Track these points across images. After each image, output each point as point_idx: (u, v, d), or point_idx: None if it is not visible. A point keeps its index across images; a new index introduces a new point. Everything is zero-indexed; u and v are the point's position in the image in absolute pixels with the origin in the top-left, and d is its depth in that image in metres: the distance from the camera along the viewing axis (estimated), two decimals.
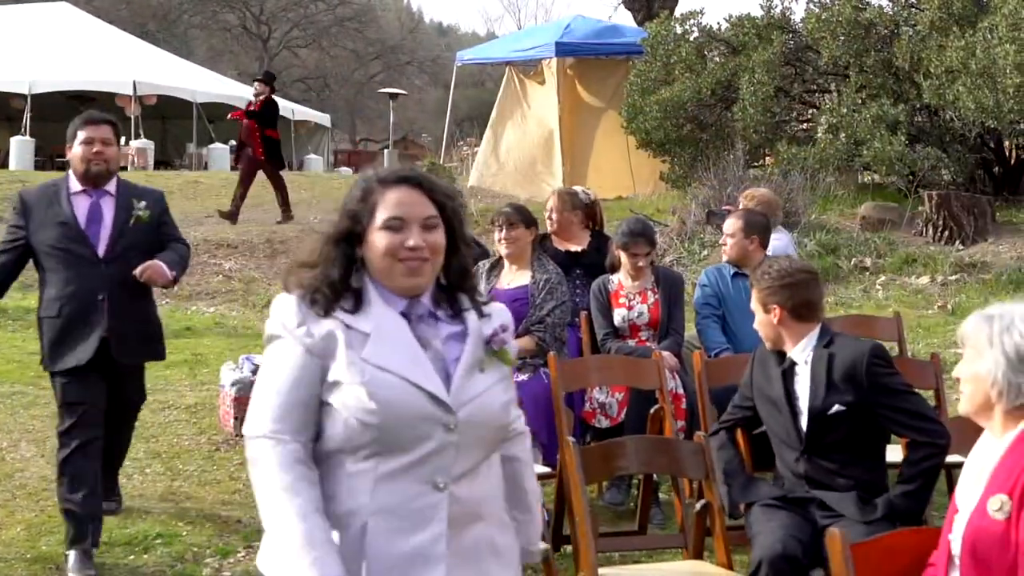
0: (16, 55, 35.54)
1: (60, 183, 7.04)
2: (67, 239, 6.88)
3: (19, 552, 7.07)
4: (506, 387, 3.47)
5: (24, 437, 9.38)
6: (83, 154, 6.91)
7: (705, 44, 20.73)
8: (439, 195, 3.44)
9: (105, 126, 7.06)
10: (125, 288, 6.95)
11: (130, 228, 7.01)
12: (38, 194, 7.06)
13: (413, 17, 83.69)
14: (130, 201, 7.08)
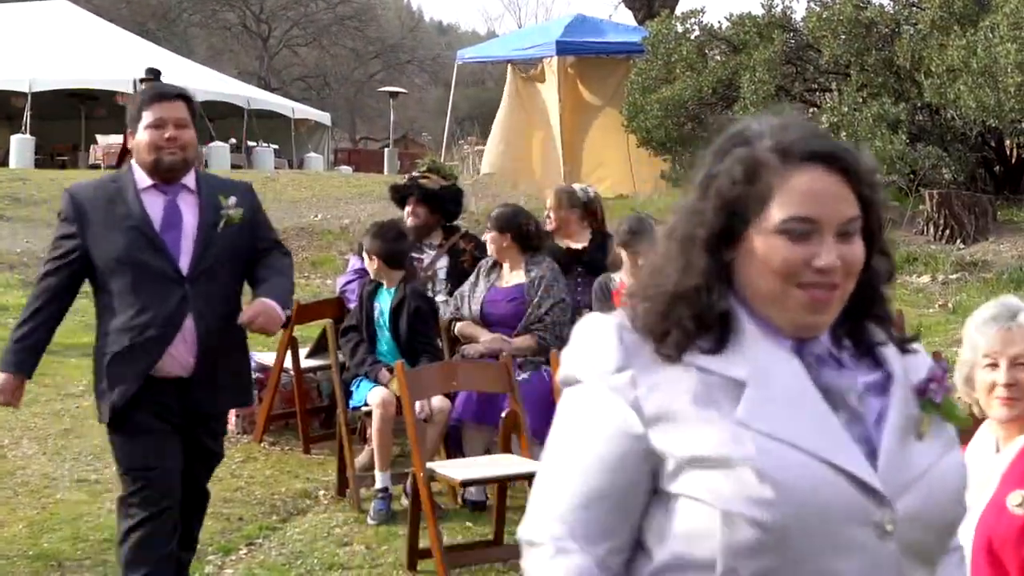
0: (16, 53, 35.53)
1: (123, 178, 5.56)
2: (138, 249, 5.36)
3: (21, 549, 7.08)
4: (957, 460, 2.27)
5: (26, 435, 9.38)
6: (152, 140, 5.41)
7: (706, 43, 20.72)
8: (865, 185, 2.23)
9: (179, 102, 5.54)
10: (213, 314, 5.51)
11: (218, 234, 5.51)
12: (94, 192, 5.53)
13: (413, 16, 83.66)
14: (215, 198, 5.58)
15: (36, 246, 17.47)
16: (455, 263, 9.07)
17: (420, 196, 9.13)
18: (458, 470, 7.08)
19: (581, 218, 9.17)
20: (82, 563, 6.93)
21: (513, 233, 8.21)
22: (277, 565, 7.06)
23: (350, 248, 15.59)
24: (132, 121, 5.54)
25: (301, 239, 17.88)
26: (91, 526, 7.46)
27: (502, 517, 7.14)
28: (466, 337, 8.30)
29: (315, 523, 7.77)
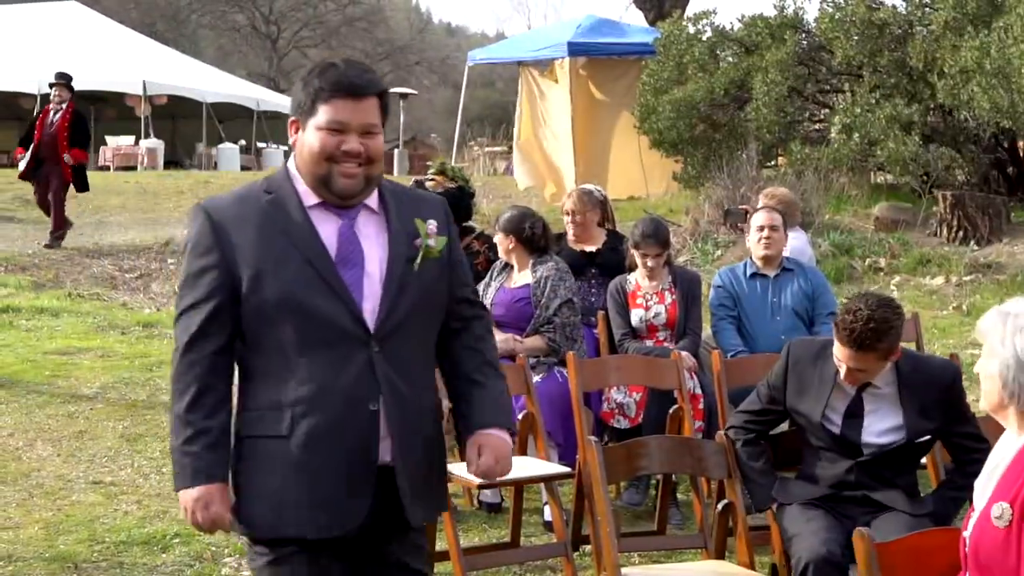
0: (25, 55, 35.58)
1: (278, 187, 3.92)
2: (308, 291, 3.82)
3: (37, 551, 7.06)
4: None
5: (40, 436, 9.37)
6: (324, 148, 3.80)
7: (718, 44, 20.69)
8: None
9: (371, 101, 3.88)
10: (410, 389, 3.94)
11: (415, 273, 3.93)
12: (240, 208, 3.90)
13: (422, 17, 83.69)
14: (410, 221, 4.01)
15: (47, 248, 17.49)
16: (469, 264, 9.04)
17: None
18: None
19: (599, 220, 9.15)
20: (98, 564, 6.91)
21: (518, 235, 8.20)
22: None
23: None
24: (297, 109, 3.91)
25: None
26: (107, 528, 7.45)
27: (518, 519, 7.11)
28: None
29: None
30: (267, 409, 3.85)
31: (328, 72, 3.85)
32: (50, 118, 17.88)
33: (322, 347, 3.80)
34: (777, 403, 5.70)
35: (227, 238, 3.82)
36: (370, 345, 3.83)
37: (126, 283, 15.93)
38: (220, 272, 3.82)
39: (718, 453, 5.69)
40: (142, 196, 24.73)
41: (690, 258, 16.48)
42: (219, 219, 3.86)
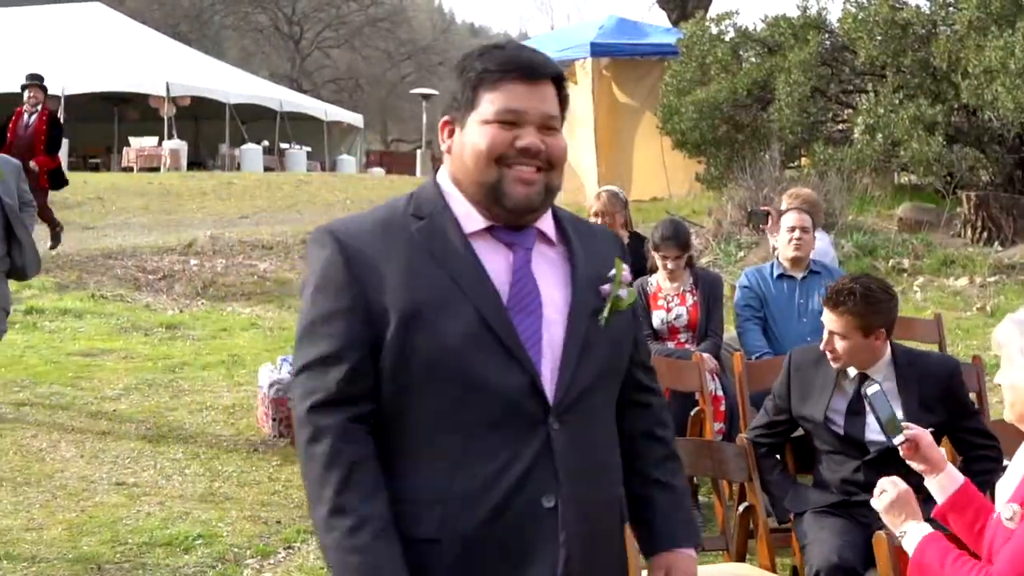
0: (49, 56, 35.66)
1: (432, 209, 3.02)
2: (473, 347, 2.90)
3: (60, 552, 7.08)
4: None
5: (63, 438, 9.39)
6: (495, 145, 2.95)
7: (741, 44, 20.67)
8: None
9: (548, 86, 3.03)
10: (594, 477, 3.05)
11: (601, 330, 3.02)
12: (382, 234, 2.99)
13: (445, 17, 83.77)
14: (595, 261, 3.10)
15: (70, 249, 17.52)
16: None
17: None
18: None
19: (624, 221, 9.16)
20: (121, 566, 6.93)
21: None
22: (315, 569, 7.04)
23: None
24: (454, 104, 3.06)
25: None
26: (129, 529, 7.46)
27: None
28: None
29: None
30: (408, 503, 2.93)
31: (492, 52, 3.02)
32: (24, 120, 17.03)
33: (485, 424, 2.89)
34: (784, 412, 5.70)
35: (366, 275, 2.90)
36: (547, 423, 2.90)
37: (149, 284, 15.95)
38: (357, 319, 2.89)
39: (739, 456, 5.68)
40: (165, 197, 24.79)
41: (713, 259, 16.44)
42: (356, 250, 2.93)
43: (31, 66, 34.38)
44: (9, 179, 9.20)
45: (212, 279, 16.21)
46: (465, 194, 3.00)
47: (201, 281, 16.07)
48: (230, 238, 18.03)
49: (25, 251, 9.11)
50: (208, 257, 17.29)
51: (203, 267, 16.76)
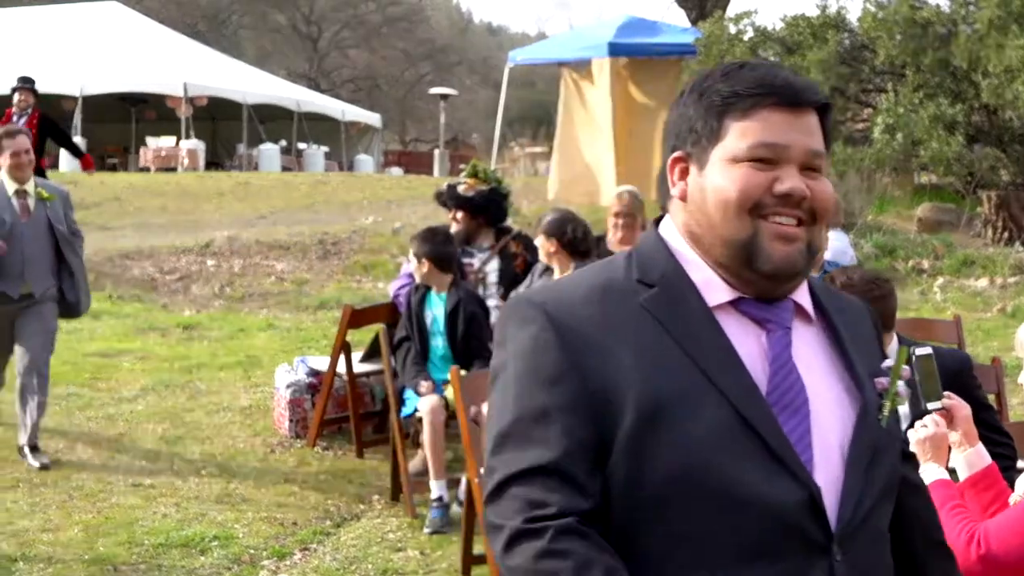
0: (67, 56, 35.76)
1: (662, 274, 2.34)
2: (733, 454, 2.22)
3: (77, 553, 7.08)
4: None
5: (80, 439, 9.40)
6: (750, 190, 2.30)
7: (759, 44, 20.60)
8: None
9: (811, 116, 2.41)
10: None
11: (883, 435, 2.41)
12: (602, 309, 2.29)
13: (463, 17, 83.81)
14: (860, 341, 2.51)
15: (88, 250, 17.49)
16: (507, 266, 9.05)
17: (456, 203, 9.16)
18: None
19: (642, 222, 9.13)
20: (137, 567, 6.93)
21: (560, 239, 8.16)
22: (331, 570, 7.03)
23: (401, 252, 15.59)
24: (691, 136, 2.41)
25: (353, 242, 17.86)
26: (145, 530, 7.46)
27: None
28: None
29: (369, 528, 7.75)
30: None
31: (741, 73, 2.37)
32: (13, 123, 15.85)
33: (748, 553, 2.21)
34: None
35: (587, 360, 2.23)
36: (831, 552, 2.24)
37: (166, 285, 15.96)
38: (579, 418, 2.21)
39: None
40: (183, 198, 24.80)
41: None
42: (571, 328, 2.25)
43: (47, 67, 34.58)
44: (58, 205, 8.93)
45: (229, 280, 16.20)
46: (706, 255, 2.31)
47: (218, 282, 16.07)
48: (247, 238, 18.02)
49: (77, 284, 8.87)
50: (225, 258, 17.29)
51: (220, 268, 16.75)
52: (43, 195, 8.80)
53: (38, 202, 8.79)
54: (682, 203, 2.36)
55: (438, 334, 8.17)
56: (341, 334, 8.99)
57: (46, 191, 8.89)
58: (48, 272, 8.75)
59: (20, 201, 8.72)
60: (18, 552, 7.08)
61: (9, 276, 8.62)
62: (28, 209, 8.73)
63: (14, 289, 8.64)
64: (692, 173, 2.35)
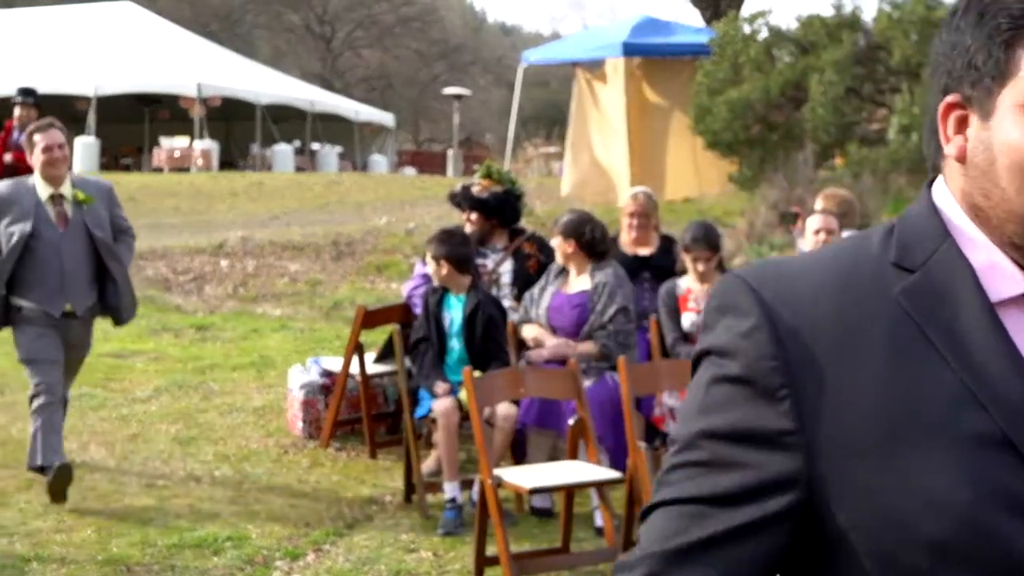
0: (81, 56, 35.86)
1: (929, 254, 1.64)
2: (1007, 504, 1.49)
3: (90, 554, 7.10)
4: None
5: (93, 440, 9.42)
6: None
7: (774, 44, 20.56)
8: None
9: None
10: None
11: None
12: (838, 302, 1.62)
13: (477, 17, 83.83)
14: None
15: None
16: (520, 266, 9.04)
17: (470, 204, 9.16)
18: (526, 477, 7.02)
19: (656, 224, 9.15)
20: (150, 568, 6.94)
21: (578, 240, 8.15)
22: (344, 571, 7.04)
23: (415, 252, 15.59)
24: (968, 72, 1.68)
25: (366, 243, 17.86)
26: (159, 531, 7.48)
27: (569, 524, 7.09)
28: (534, 341, 8.25)
29: (382, 529, 7.76)
30: None
31: None
32: (14, 138, 15.26)
33: None
34: None
35: (808, 380, 1.60)
36: None
37: (180, 286, 15.97)
38: (785, 450, 1.59)
39: None
40: (196, 198, 24.85)
41: (745, 260, 16.37)
42: (797, 331, 1.62)
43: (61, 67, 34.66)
44: (99, 205, 8.08)
45: (243, 280, 16.21)
46: (993, 233, 1.64)
47: (232, 282, 16.08)
48: (261, 239, 18.03)
49: (120, 289, 8.04)
50: (239, 258, 17.30)
51: (234, 268, 16.77)
52: (80, 197, 7.90)
53: (76, 207, 7.93)
54: (960, 165, 1.69)
55: (455, 336, 8.15)
56: (354, 335, 8.99)
57: (84, 192, 8.01)
58: (89, 286, 7.97)
59: (56, 208, 7.89)
60: (32, 552, 7.10)
61: (48, 293, 7.83)
62: (65, 217, 7.90)
63: (55, 307, 7.83)
64: (973, 124, 1.67)
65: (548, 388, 7.48)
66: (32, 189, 7.89)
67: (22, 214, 7.79)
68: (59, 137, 7.95)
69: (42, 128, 7.97)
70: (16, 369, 11.14)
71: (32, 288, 7.79)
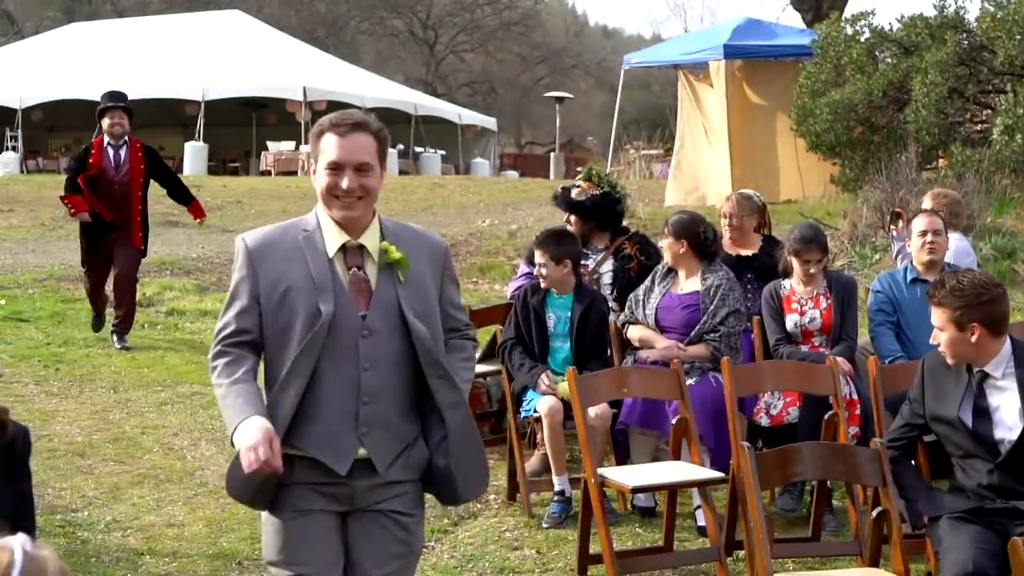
0: (190, 63, 36.38)
1: None
2: None
3: (201, 548, 7.24)
4: None
5: (204, 436, 9.59)
6: None
7: (876, 45, 20.40)
8: None
9: None
10: None
11: None
12: None
13: (578, 20, 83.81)
14: None
15: (210, 252, 17.85)
16: (621, 267, 9.04)
17: (567, 207, 9.19)
18: (629, 476, 7.06)
19: (756, 225, 9.12)
20: (259, 562, 7.03)
21: (690, 240, 8.14)
22: (449, 568, 7.12)
23: (518, 253, 15.69)
24: None
25: (470, 244, 18.00)
26: None
27: (672, 523, 7.12)
28: (642, 342, 8.25)
29: (486, 527, 7.81)
30: None
31: None
32: (108, 157, 12.51)
33: None
34: (919, 417, 5.71)
35: None
36: None
37: None
38: None
39: (873, 460, 5.65)
40: (303, 201, 25.11)
41: (848, 262, 16.29)
42: None
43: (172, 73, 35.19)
44: (424, 268, 4.44)
45: None
46: None
47: None
48: None
49: (452, 442, 4.33)
50: None
51: None
52: (393, 255, 4.33)
53: (384, 271, 4.33)
54: None
55: (560, 336, 8.15)
56: None
57: (397, 247, 4.37)
58: (406, 417, 4.37)
59: (352, 270, 4.33)
60: (145, 546, 7.25)
61: (329, 431, 4.27)
62: (366, 286, 4.31)
63: (340, 459, 4.26)
64: None
65: (651, 388, 7.50)
66: (314, 235, 4.37)
67: (303, 280, 4.26)
68: (370, 147, 4.45)
69: (340, 126, 4.39)
70: (131, 366, 11.44)
71: (308, 422, 4.26)
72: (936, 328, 5.53)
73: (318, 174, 4.39)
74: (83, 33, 43.02)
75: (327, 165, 4.34)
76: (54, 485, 8.31)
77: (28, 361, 11.84)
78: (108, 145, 12.47)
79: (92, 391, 10.88)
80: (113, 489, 8.29)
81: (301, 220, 4.48)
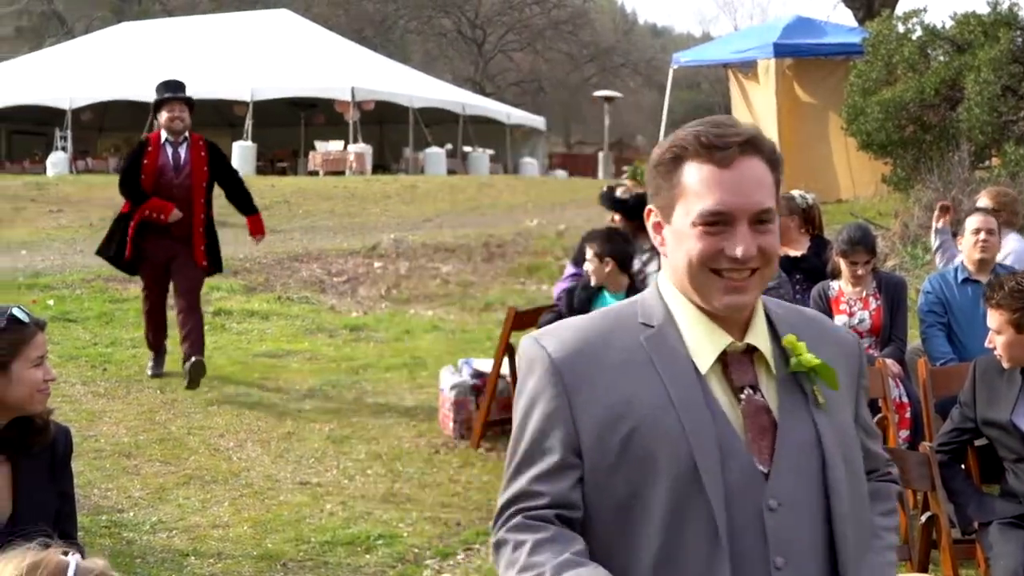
0: (238, 63, 36.51)
1: None
2: None
3: (245, 549, 7.23)
4: None
5: (250, 437, 9.59)
6: None
7: (928, 43, 20.22)
8: None
9: None
10: None
11: None
12: None
13: (627, 19, 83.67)
14: None
15: (258, 252, 17.88)
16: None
17: (611, 206, 9.17)
18: None
19: (800, 225, 9.02)
20: (303, 564, 7.05)
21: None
22: (494, 571, 7.06)
23: (565, 253, 15.63)
24: None
25: (518, 244, 17.97)
26: (312, 528, 7.59)
27: None
28: None
29: None
30: None
31: None
32: (167, 155, 11.00)
33: None
34: (970, 420, 5.64)
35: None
36: None
37: (334, 287, 16.21)
38: None
39: (922, 464, 5.57)
40: (350, 200, 25.16)
41: (899, 262, 16.15)
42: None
43: (220, 73, 35.33)
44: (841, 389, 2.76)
45: (396, 282, 16.41)
46: None
47: (385, 284, 16.28)
48: (413, 241, 18.22)
49: None
50: (392, 260, 17.51)
51: (387, 270, 16.97)
52: (807, 360, 2.66)
53: (789, 390, 2.68)
54: None
55: None
56: (505, 336, 9.06)
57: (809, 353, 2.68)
58: None
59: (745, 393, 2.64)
60: (190, 547, 7.26)
61: None
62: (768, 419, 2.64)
63: None
64: None
65: None
66: (666, 334, 2.69)
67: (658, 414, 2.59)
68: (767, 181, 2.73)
69: (718, 148, 2.63)
70: (177, 367, 11.45)
71: None
72: (992, 331, 5.45)
73: (675, 231, 2.68)
74: (132, 33, 43.29)
75: (702, 218, 2.62)
76: (100, 486, 8.32)
77: (75, 361, 11.88)
78: (167, 142, 10.94)
79: (139, 391, 10.90)
80: (159, 490, 8.29)
81: (632, 305, 2.77)
